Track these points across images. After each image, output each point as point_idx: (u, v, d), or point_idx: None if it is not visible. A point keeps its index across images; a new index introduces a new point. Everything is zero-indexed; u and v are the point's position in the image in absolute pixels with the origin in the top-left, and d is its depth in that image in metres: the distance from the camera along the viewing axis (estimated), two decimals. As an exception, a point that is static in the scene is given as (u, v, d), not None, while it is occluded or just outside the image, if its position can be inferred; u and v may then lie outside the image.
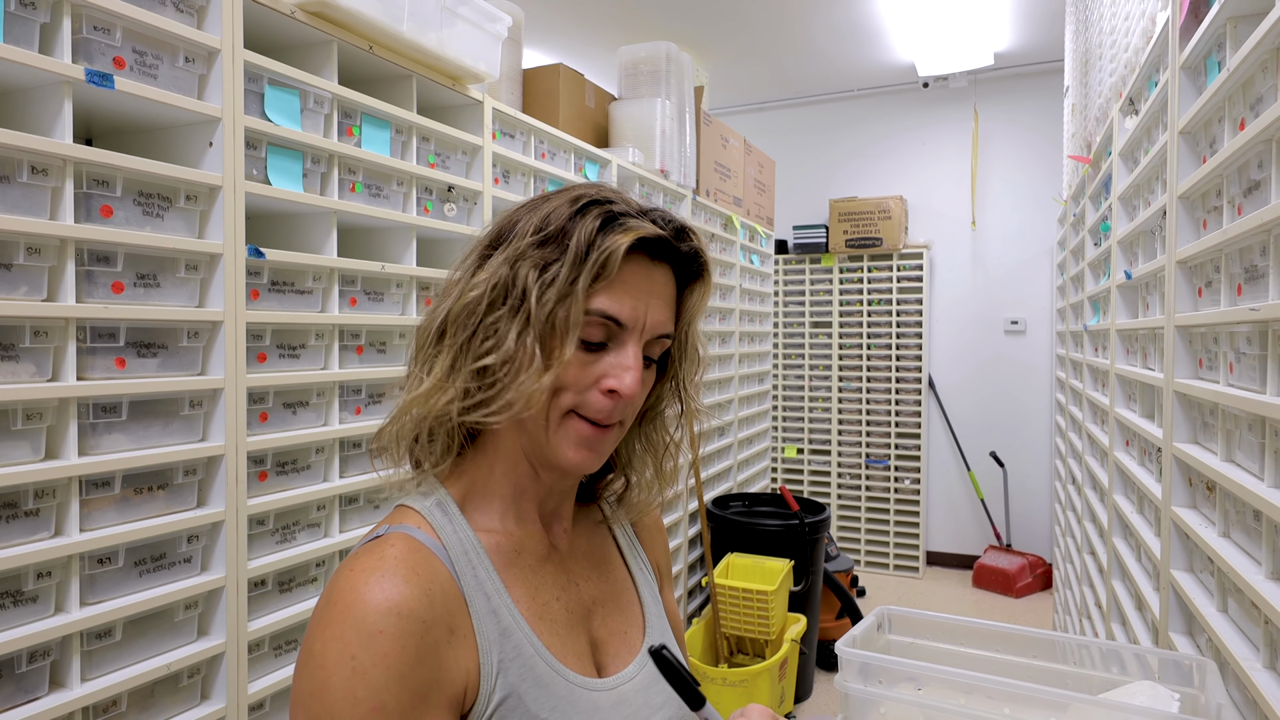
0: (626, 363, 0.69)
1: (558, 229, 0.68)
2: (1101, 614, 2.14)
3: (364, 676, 0.58)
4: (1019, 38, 4.29)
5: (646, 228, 0.69)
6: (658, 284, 0.72)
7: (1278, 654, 0.98)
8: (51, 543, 1.14)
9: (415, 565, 0.64)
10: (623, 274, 0.69)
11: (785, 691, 2.94)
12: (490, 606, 0.68)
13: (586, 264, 0.67)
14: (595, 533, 0.85)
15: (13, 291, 1.11)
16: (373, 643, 0.59)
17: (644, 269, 0.71)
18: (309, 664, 0.60)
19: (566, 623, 0.74)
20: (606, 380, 0.69)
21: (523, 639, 0.69)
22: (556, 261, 0.67)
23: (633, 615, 0.82)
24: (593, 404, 0.69)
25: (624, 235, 0.68)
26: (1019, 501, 4.88)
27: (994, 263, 4.98)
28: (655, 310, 0.71)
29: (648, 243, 0.70)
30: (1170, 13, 1.43)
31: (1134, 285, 1.93)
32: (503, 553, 0.72)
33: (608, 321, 0.69)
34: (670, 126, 3.00)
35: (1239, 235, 1.07)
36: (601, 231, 0.68)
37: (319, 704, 0.59)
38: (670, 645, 0.81)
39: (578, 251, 0.67)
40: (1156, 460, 1.61)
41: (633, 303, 0.69)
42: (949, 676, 0.93)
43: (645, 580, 0.86)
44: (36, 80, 1.15)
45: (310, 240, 1.61)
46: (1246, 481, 1.04)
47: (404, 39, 1.69)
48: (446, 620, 0.64)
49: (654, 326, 0.71)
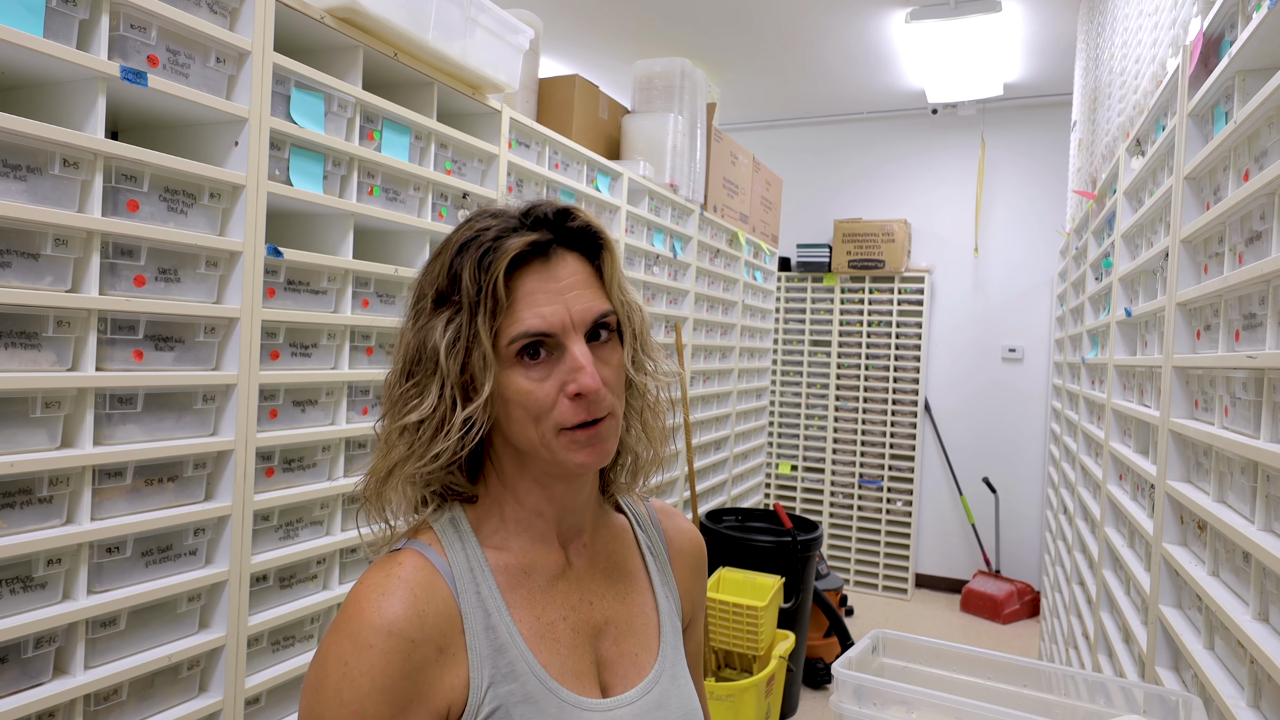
0: (575, 363, 0.69)
1: (448, 283, 0.70)
2: (1089, 644, 2.16)
3: (352, 683, 0.65)
4: (1029, 70, 4.34)
5: (515, 242, 0.69)
6: (565, 277, 0.71)
7: (1262, 693, 1.00)
8: (63, 530, 1.16)
9: (415, 586, 0.70)
10: (521, 290, 0.70)
11: (771, 708, 2.95)
12: (488, 623, 0.71)
13: (481, 306, 0.68)
14: (624, 553, 0.85)
15: (39, 281, 1.13)
16: (363, 655, 0.66)
17: (542, 272, 0.71)
18: (316, 660, 0.68)
19: (571, 642, 0.76)
20: (568, 386, 0.70)
21: (517, 656, 0.71)
22: (457, 315, 0.69)
23: (647, 639, 0.82)
24: (569, 414, 0.70)
25: (502, 259, 0.68)
26: (1009, 528, 4.91)
27: (994, 290, 5.01)
28: (576, 301, 0.71)
29: (535, 246, 0.70)
30: (1181, 60, 1.46)
31: (1133, 323, 1.96)
32: (510, 572, 0.75)
33: (534, 338, 0.70)
34: (682, 141, 3.04)
35: (1240, 283, 1.09)
36: (480, 266, 0.68)
37: (315, 695, 0.66)
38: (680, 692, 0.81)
39: (469, 295, 0.69)
40: (1149, 496, 1.63)
41: (543, 310, 0.69)
42: (941, 701, 0.95)
43: (669, 610, 0.85)
44: (73, 75, 1.18)
45: (327, 241, 1.63)
46: (1237, 523, 1.07)
47: (428, 47, 1.72)
48: (437, 640, 0.68)
49: (584, 315, 0.71)
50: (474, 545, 0.75)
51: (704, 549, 0.95)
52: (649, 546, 0.88)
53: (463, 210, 1.95)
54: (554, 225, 0.72)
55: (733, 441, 3.86)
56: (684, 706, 0.80)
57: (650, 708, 0.77)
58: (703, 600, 0.94)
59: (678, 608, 0.87)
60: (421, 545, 0.73)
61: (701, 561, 0.94)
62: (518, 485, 0.76)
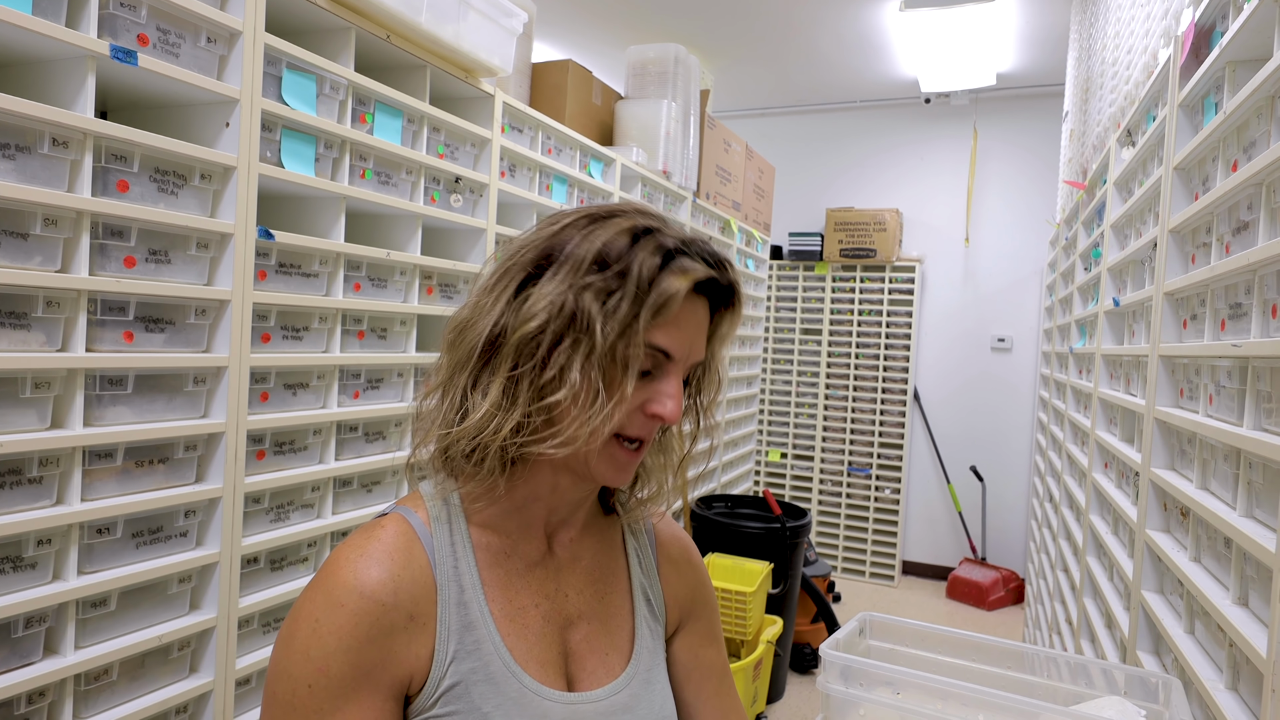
0: (670, 390, 0.71)
1: (617, 259, 0.68)
2: (1071, 630, 2.19)
3: (320, 640, 0.66)
4: (1022, 60, 4.34)
5: (701, 269, 0.70)
6: (700, 317, 0.74)
7: (1240, 676, 1.02)
8: (53, 510, 1.16)
9: (394, 550, 0.71)
10: (679, 309, 0.70)
11: (759, 692, 2.98)
12: (461, 599, 0.72)
13: (648, 301, 0.67)
14: (609, 553, 0.85)
15: (28, 261, 1.12)
16: (334, 613, 0.67)
17: (692, 305, 0.72)
18: (290, 614, 0.69)
19: (540, 630, 0.76)
20: (651, 405, 0.71)
21: (485, 635, 0.72)
22: (617, 293, 0.68)
23: (619, 641, 0.81)
24: (636, 426, 0.72)
25: (683, 278, 0.69)
26: (996, 516, 4.95)
27: (984, 280, 5.04)
28: (697, 342, 0.74)
29: (709, 283, 0.72)
30: (1172, 51, 1.47)
31: (1121, 312, 1.98)
32: (492, 551, 0.76)
33: (658, 353, 0.71)
34: (675, 128, 3.03)
35: (1226, 273, 1.11)
36: (662, 269, 0.68)
37: (283, 649, 0.68)
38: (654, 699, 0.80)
39: (639, 287, 0.67)
40: (1134, 484, 1.65)
41: (682, 337, 0.71)
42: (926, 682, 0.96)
43: (649, 615, 0.85)
44: (62, 53, 1.16)
45: (318, 224, 1.62)
46: (1219, 510, 1.09)
47: (421, 30, 1.71)
48: (408, 607, 0.69)
49: (694, 356, 0.74)
50: (460, 520, 0.75)
51: (695, 553, 0.94)
52: (636, 551, 0.87)
53: (455, 195, 1.94)
54: (714, 268, 0.73)
55: (723, 429, 3.87)
56: (657, 712, 0.79)
57: (616, 709, 0.76)
58: (702, 607, 0.91)
59: (661, 615, 0.86)
60: (408, 512, 0.75)
61: (691, 565, 0.92)
62: (523, 467, 0.75)
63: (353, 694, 0.66)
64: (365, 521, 0.79)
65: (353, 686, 0.66)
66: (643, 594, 0.85)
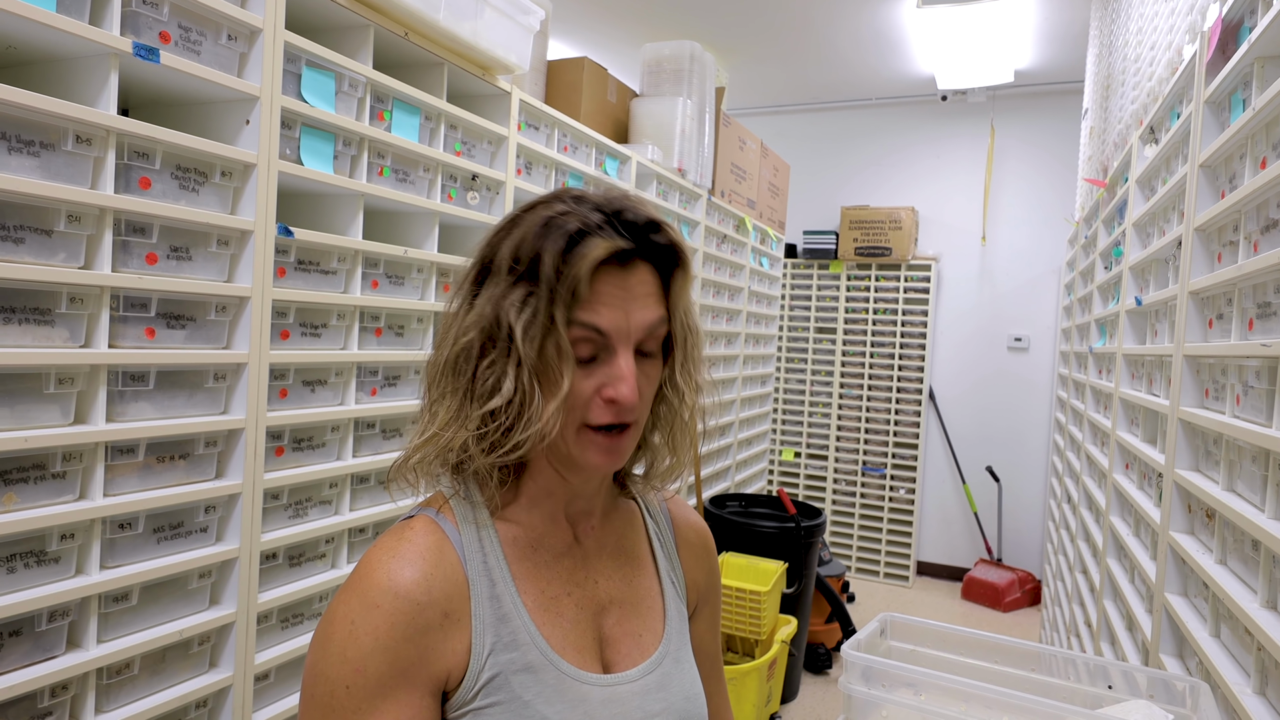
0: (619, 372, 0.70)
1: (529, 257, 0.69)
2: (1091, 632, 2.17)
3: (356, 641, 0.67)
4: (1041, 57, 4.30)
5: (606, 243, 0.68)
6: (634, 286, 0.71)
7: (1268, 680, 1.01)
8: (76, 505, 1.16)
9: (425, 550, 0.71)
10: (597, 287, 0.69)
11: (773, 692, 2.97)
12: (494, 592, 0.73)
13: (559, 291, 0.67)
14: (632, 537, 0.87)
15: (52, 258, 1.13)
16: (370, 614, 0.67)
17: (617, 277, 0.70)
18: (325, 617, 0.70)
19: (574, 617, 0.77)
20: (605, 390, 0.70)
21: (520, 626, 0.72)
22: (534, 294, 0.68)
23: (651, 622, 0.83)
24: (597, 414, 0.71)
25: (587, 259, 0.67)
26: (1012, 517, 4.91)
27: (1001, 279, 5.00)
28: (637, 312, 0.71)
29: (621, 254, 0.70)
30: (1199, 47, 1.45)
31: (1143, 311, 1.96)
32: (519, 544, 0.77)
33: (592, 334, 0.69)
34: (690, 126, 3.02)
35: (1254, 271, 1.09)
36: (567, 252, 0.67)
37: (320, 651, 0.68)
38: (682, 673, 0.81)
39: (549, 280, 0.67)
40: (1156, 485, 1.63)
41: (610, 313, 0.69)
42: (948, 684, 0.96)
43: (675, 595, 0.87)
44: (85, 50, 1.17)
45: (337, 221, 1.63)
46: (1247, 511, 1.07)
47: (439, 27, 1.71)
48: (443, 604, 0.70)
49: (640, 327, 0.71)
50: (485, 516, 0.76)
51: (711, 540, 0.95)
52: (656, 533, 0.89)
53: (472, 192, 1.95)
54: (640, 233, 0.71)
55: (737, 427, 3.86)
56: (686, 690, 0.81)
57: (651, 688, 0.78)
58: (712, 593, 0.94)
59: (683, 594, 0.88)
60: (434, 513, 0.75)
61: (707, 551, 0.94)
62: (532, 463, 0.77)
63: (390, 693, 0.67)
64: (383, 518, 0.79)
65: (390, 686, 0.67)
66: (668, 576, 0.87)
